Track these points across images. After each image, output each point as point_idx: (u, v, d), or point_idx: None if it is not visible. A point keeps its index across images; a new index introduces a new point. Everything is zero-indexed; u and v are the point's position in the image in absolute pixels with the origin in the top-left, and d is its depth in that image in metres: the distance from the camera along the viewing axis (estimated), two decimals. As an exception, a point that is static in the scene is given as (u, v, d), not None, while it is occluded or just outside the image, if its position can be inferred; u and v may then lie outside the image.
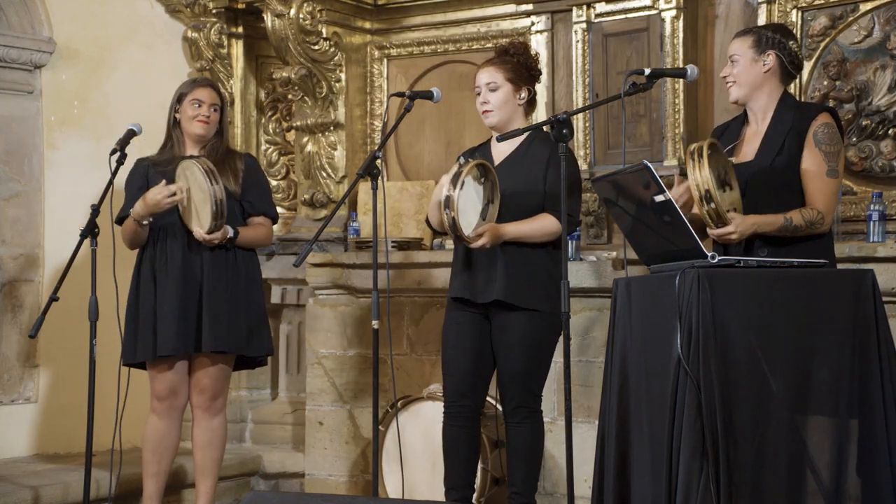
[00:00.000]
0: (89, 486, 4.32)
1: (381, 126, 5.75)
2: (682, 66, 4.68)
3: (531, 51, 4.34)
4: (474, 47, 5.63)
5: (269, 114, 6.16)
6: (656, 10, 4.97)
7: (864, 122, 4.65)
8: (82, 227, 4.28)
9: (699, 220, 3.69)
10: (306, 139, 5.80)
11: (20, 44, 5.59)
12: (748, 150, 3.75)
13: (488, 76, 4.19)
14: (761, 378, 3.25)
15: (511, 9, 5.52)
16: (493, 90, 4.18)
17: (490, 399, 4.45)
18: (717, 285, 3.26)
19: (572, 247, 4.83)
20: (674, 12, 4.93)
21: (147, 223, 4.41)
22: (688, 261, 3.37)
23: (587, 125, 5.13)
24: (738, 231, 3.52)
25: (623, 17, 5.07)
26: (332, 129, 5.75)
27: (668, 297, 3.32)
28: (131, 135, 4.40)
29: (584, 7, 5.12)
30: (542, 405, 4.19)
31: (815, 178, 3.63)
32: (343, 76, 5.75)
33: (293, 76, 5.63)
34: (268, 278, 5.77)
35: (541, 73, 4.35)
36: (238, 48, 6.06)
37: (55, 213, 5.70)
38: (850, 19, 4.70)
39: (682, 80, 4.86)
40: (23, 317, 5.61)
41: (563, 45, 5.35)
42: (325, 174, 5.75)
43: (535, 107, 4.35)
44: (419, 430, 4.74)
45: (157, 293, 4.46)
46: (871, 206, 4.44)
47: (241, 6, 5.95)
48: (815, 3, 4.77)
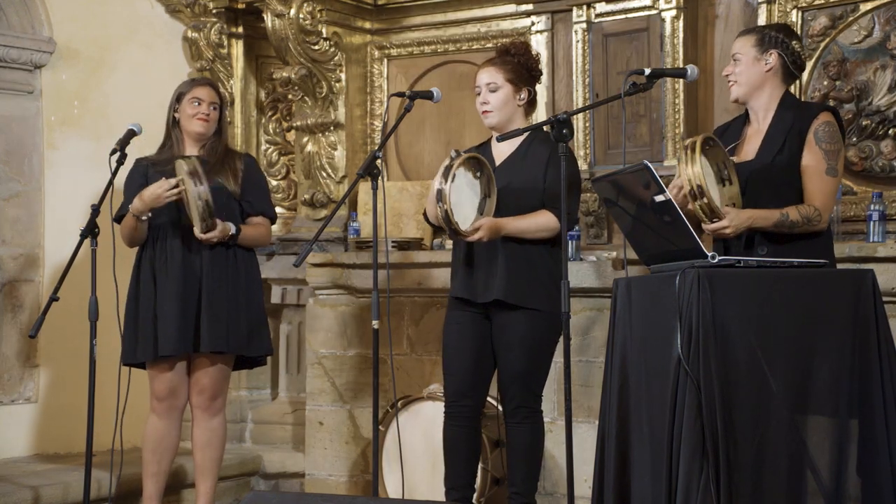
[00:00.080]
0: (89, 486, 4.31)
1: (382, 126, 5.74)
2: (682, 66, 4.68)
3: (532, 51, 4.32)
4: (474, 47, 5.63)
5: (269, 114, 6.16)
6: (656, 10, 4.97)
7: (864, 122, 4.65)
8: (82, 227, 4.28)
9: (697, 220, 3.69)
10: (306, 139, 5.80)
11: (20, 44, 5.59)
12: (749, 148, 3.75)
13: (488, 76, 4.19)
14: (761, 378, 3.24)
15: (511, 9, 5.52)
16: (492, 91, 4.18)
17: (491, 399, 4.45)
18: (717, 285, 3.26)
19: (572, 247, 4.82)
20: (674, 12, 4.93)
21: (146, 218, 4.41)
22: (688, 261, 3.37)
23: (587, 125, 5.13)
24: (732, 225, 3.51)
25: (623, 17, 5.06)
26: (332, 129, 5.75)
27: (668, 297, 3.31)
28: (131, 135, 4.40)
29: (585, 7, 5.12)
30: (542, 405, 4.19)
31: (814, 176, 3.63)
32: (343, 76, 5.75)
33: (293, 76, 5.63)
34: (268, 278, 5.77)
35: (541, 74, 4.33)
36: (238, 48, 6.06)
37: (55, 213, 5.70)
38: (851, 19, 4.70)
39: (682, 80, 4.86)
40: (23, 317, 5.61)
41: (563, 45, 5.34)
42: (325, 174, 5.75)
43: (535, 107, 4.35)
44: (419, 430, 4.73)
45: (157, 293, 4.46)
46: (872, 206, 4.44)
47: (241, 6, 5.95)
48: (816, 3, 4.77)
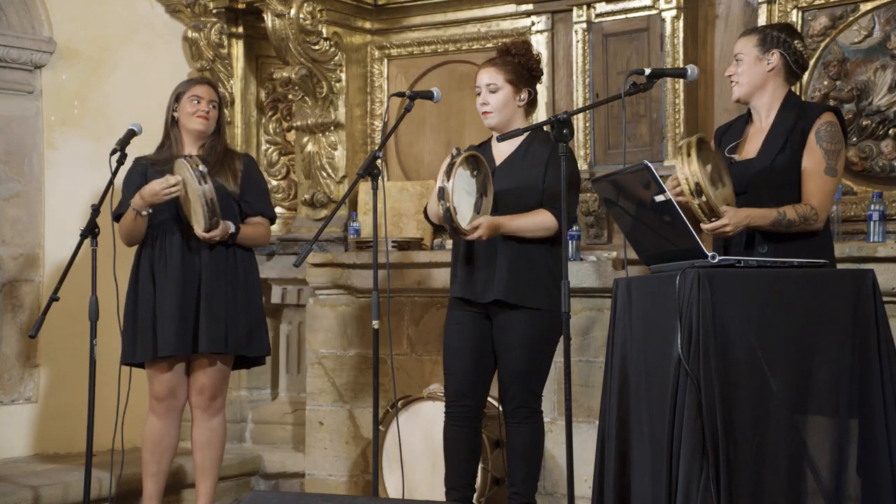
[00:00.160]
0: (89, 486, 4.31)
1: (382, 126, 5.74)
2: (682, 66, 4.68)
3: (533, 51, 4.30)
4: (474, 47, 5.63)
5: (270, 114, 6.16)
6: (656, 10, 4.97)
7: (864, 122, 4.64)
8: (82, 227, 4.28)
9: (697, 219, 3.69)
10: (306, 139, 5.79)
11: (20, 44, 5.58)
12: (751, 148, 3.75)
13: (489, 77, 4.18)
14: (761, 378, 3.24)
15: (511, 9, 5.51)
16: (493, 92, 4.17)
17: (491, 399, 4.44)
18: (718, 285, 3.26)
19: (572, 247, 4.82)
20: (674, 12, 4.93)
21: (146, 213, 4.40)
22: (688, 261, 3.37)
23: (587, 125, 5.13)
24: (731, 224, 3.51)
25: (623, 17, 5.06)
26: (332, 129, 5.75)
27: (669, 297, 3.31)
28: (131, 135, 4.40)
29: (585, 7, 5.12)
30: (542, 405, 4.19)
31: (813, 175, 3.62)
32: (343, 76, 5.75)
33: (293, 76, 5.63)
34: (268, 278, 5.77)
35: (542, 74, 4.32)
36: (238, 48, 6.06)
37: (55, 213, 5.70)
38: (851, 19, 4.70)
39: (682, 80, 4.86)
40: (23, 317, 5.61)
41: (563, 45, 5.34)
42: (325, 174, 5.75)
43: (535, 107, 4.34)
44: (419, 430, 4.73)
45: (156, 293, 4.46)
46: (872, 206, 4.43)
47: (241, 6, 5.95)
48: (816, 2, 4.77)
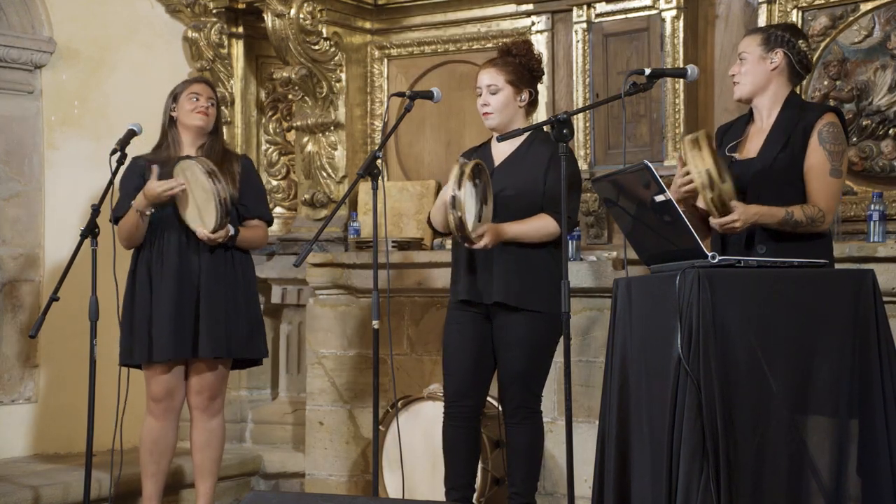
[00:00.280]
0: (89, 486, 4.31)
1: (382, 126, 5.74)
2: (682, 66, 4.68)
3: (534, 51, 4.29)
4: (474, 47, 5.63)
5: (270, 114, 6.16)
6: (656, 10, 4.97)
7: (864, 122, 4.64)
8: (82, 228, 4.28)
9: (698, 217, 3.69)
10: (306, 139, 5.79)
11: (20, 44, 5.59)
12: (752, 147, 3.74)
13: (489, 78, 4.17)
14: (761, 378, 3.24)
15: (511, 9, 5.51)
16: (493, 93, 4.16)
17: (491, 399, 4.44)
18: (718, 285, 3.25)
19: (572, 247, 4.82)
20: (674, 12, 4.93)
21: (149, 213, 4.39)
22: (688, 261, 3.36)
23: (587, 125, 5.13)
24: (741, 220, 3.50)
25: (623, 17, 5.06)
26: (332, 129, 5.75)
27: (669, 297, 3.31)
28: (131, 135, 4.40)
29: (585, 7, 5.12)
30: (542, 405, 4.19)
31: (818, 177, 3.62)
32: (343, 76, 5.75)
33: (293, 76, 5.63)
34: (268, 278, 5.78)
35: (543, 74, 4.31)
36: (238, 48, 6.06)
37: (55, 213, 5.70)
38: (851, 19, 4.70)
39: (682, 80, 4.86)
40: (23, 317, 5.61)
41: (563, 45, 5.34)
42: (325, 174, 5.75)
43: (536, 107, 4.33)
44: (419, 430, 4.73)
45: (152, 295, 4.45)
46: (872, 206, 4.44)
47: (241, 6, 5.95)
48: (816, 2, 4.77)
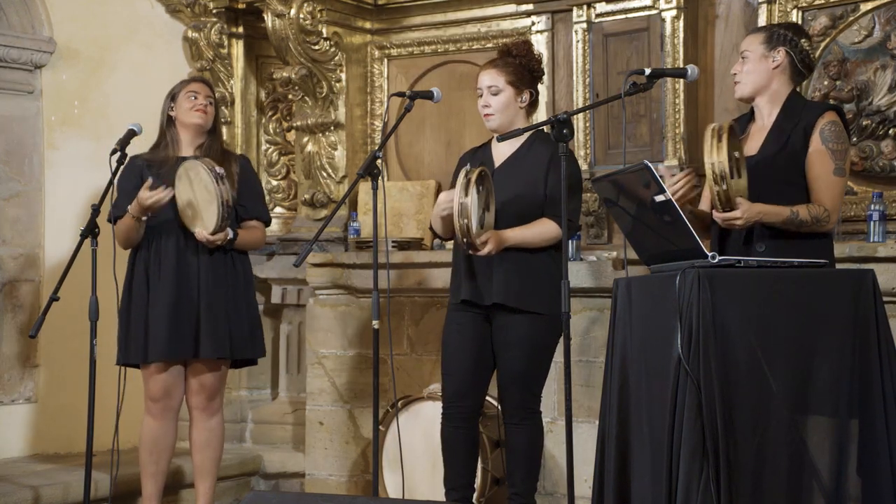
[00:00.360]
0: (89, 486, 4.31)
1: (382, 126, 5.74)
2: (682, 65, 4.67)
3: (535, 51, 4.28)
4: (474, 47, 5.63)
5: (270, 114, 6.16)
6: (656, 10, 4.97)
7: (864, 122, 4.64)
8: (82, 228, 4.28)
9: (700, 218, 3.69)
10: (306, 139, 5.79)
11: (20, 44, 5.59)
12: (752, 145, 3.73)
13: (490, 79, 4.17)
14: (761, 378, 3.24)
15: (511, 9, 5.51)
16: (494, 94, 4.16)
17: (491, 399, 4.44)
18: (718, 285, 3.25)
19: (573, 247, 4.83)
20: (674, 12, 4.93)
21: (145, 219, 4.40)
22: (688, 261, 3.36)
23: (587, 125, 5.13)
24: (744, 217, 3.49)
25: (623, 17, 5.06)
26: (332, 129, 5.75)
27: (669, 297, 3.31)
28: (131, 135, 4.39)
29: (585, 7, 5.11)
30: (541, 405, 4.18)
31: (822, 177, 3.61)
32: (343, 76, 5.75)
33: (293, 76, 5.63)
34: (268, 278, 5.78)
35: (543, 74, 4.31)
36: (238, 48, 6.06)
37: (55, 213, 5.70)
38: (851, 19, 4.70)
39: (682, 80, 4.85)
40: (23, 317, 5.61)
41: (563, 45, 5.34)
42: (325, 174, 5.75)
43: (536, 108, 4.33)
44: (419, 430, 4.73)
45: (149, 295, 4.45)
46: (872, 206, 4.43)
47: (241, 6, 5.95)
48: (816, 2, 4.77)
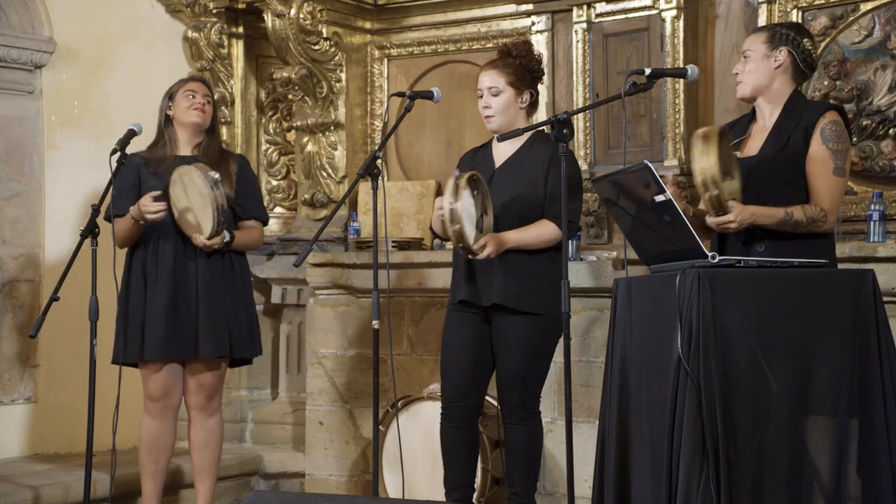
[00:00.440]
0: (89, 486, 4.30)
1: (382, 126, 5.74)
2: (682, 65, 4.67)
3: (534, 51, 4.28)
4: (474, 47, 5.63)
5: (270, 114, 6.16)
6: (656, 10, 4.96)
7: (864, 122, 4.64)
8: (82, 227, 4.28)
9: (700, 218, 3.68)
10: (306, 139, 5.79)
11: (20, 44, 5.59)
12: (753, 145, 3.73)
13: (490, 80, 4.17)
14: (761, 378, 3.24)
15: (511, 9, 5.51)
16: (494, 95, 4.16)
17: (490, 399, 4.44)
18: (718, 285, 3.25)
19: (573, 247, 4.83)
20: (674, 12, 4.92)
21: (143, 222, 4.39)
22: (688, 261, 3.36)
23: (587, 125, 5.13)
24: (737, 220, 3.49)
25: (623, 17, 5.06)
26: (332, 129, 5.75)
27: (669, 297, 3.31)
28: (131, 135, 4.39)
29: (585, 7, 5.11)
30: (541, 405, 4.18)
31: (821, 176, 3.60)
32: (343, 76, 5.75)
33: (293, 76, 5.63)
34: (268, 278, 5.78)
35: (543, 74, 4.31)
36: (238, 48, 6.06)
37: (55, 213, 5.70)
38: (851, 19, 4.70)
39: (682, 80, 4.85)
40: (23, 317, 5.61)
41: (563, 45, 5.34)
42: (325, 174, 5.75)
43: (536, 108, 4.32)
44: (419, 430, 4.73)
45: (146, 295, 4.45)
46: (872, 206, 4.43)
47: (241, 6, 5.95)
48: (816, 2, 4.77)
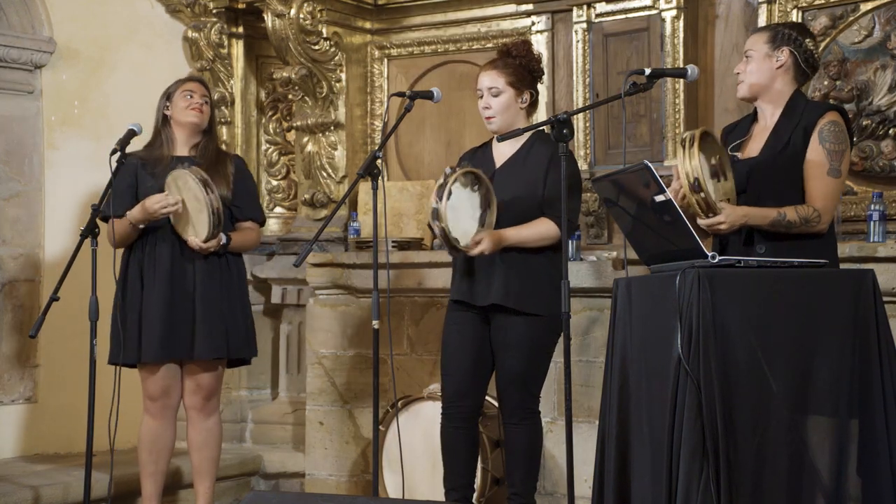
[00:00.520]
0: (89, 486, 4.30)
1: (382, 126, 5.74)
2: (682, 65, 4.67)
3: (534, 51, 4.28)
4: (474, 47, 5.63)
5: (270, 114, 6.16)
6: (656, 9, 4.96)
7: (864, 122, 4.64)
8: (82, 228, 4.28)
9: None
10: (306, 139, 5.79)
11: (20, 44, 5.59)
12: (755, 146, 3.72)
13: (490, 80, 4.17)
14: (761, 378, 3.24)
15: (511, 9, 5.51)
16: (495, 95, 4.16)
17: (490, 399, 4.44)
18: (718, 285, 3.25)
19: (572, 247, 4.83)
20: (674, 12, 4.92)
21: (142, 226, 4.41)
22: (688, 261, 3.36)
23: (587, 125, 5.13)
24: (727, 222, 3.48)
25: (623, 17, 5.06)
26: (332, 129, 5.75)
27: (669, 297, 3.31)
28: (131, 135, 4.39)
29: (585, 7, 5.11)
30: (541, 405, 4.18)
31: (816, 176, 3.59)
32: (343, 76, 5.75)
33: (293, 76, 5.62)
34: (268, 278, 5.78)
35: (543, 74, 4.31)
36: (238, 48, 6.06)
37: (55, 213, 5.70)
38: (851, 19, 4.70)
39: (682, 80, 4.85)
40: (23, 317, 5.61)
41: (563, 45, 5.34)
42: (325, 174, 5.75)
43: (536, 108, 4.32)
44: (419, 430, 4.73)
45: (143, 297, 4.45)
46: (872, 206, 4.43)
47: (241, 6, 5.95)
48: (816, 2, 4.77)
